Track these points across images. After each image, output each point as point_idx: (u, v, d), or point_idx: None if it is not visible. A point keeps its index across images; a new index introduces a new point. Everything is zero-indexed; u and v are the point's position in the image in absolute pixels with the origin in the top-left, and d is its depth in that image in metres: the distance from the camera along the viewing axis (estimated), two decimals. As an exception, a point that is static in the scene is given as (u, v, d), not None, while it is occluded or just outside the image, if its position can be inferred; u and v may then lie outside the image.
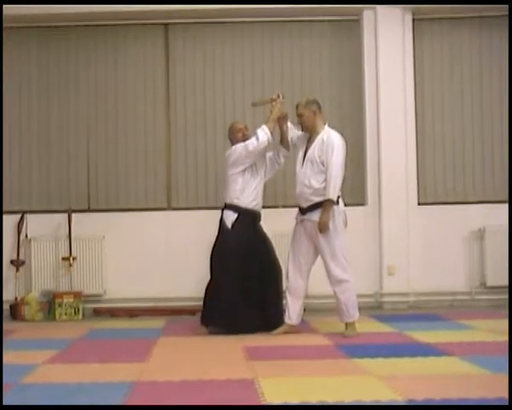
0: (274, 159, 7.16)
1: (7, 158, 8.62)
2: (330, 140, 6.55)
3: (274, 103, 6.97)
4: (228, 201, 7.00)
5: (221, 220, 7.02)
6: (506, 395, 4.29)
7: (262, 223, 7.14)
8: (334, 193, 6.46)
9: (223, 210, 7.04)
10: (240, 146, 6.95)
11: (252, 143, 6.87)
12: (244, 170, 6.95)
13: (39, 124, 8.75)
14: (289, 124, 6.99)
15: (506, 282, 8.33)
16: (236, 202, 6.94)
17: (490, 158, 8.84)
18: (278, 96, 6.97)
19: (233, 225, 6.92)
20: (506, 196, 8.55)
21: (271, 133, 6.89)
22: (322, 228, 6.47)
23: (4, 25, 8.39)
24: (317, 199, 6.54)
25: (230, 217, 6.94)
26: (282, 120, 6.95)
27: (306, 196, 6.60)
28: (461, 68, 8.90)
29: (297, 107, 6.77)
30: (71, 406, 4.23)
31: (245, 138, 7.03)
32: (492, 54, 8.87)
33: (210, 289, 7.02)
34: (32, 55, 8.76)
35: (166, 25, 8.82)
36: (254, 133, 6.90)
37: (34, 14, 8.42)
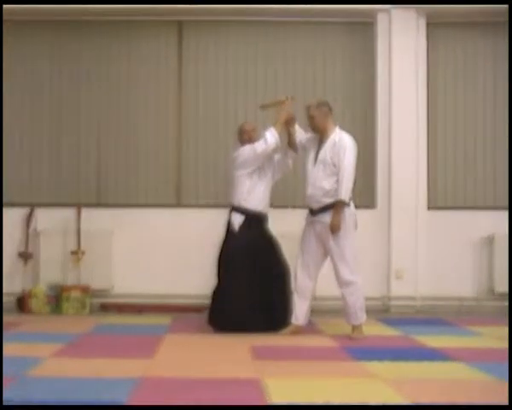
0: (282, 161, 7.14)
1: (18, 151, 8.64)
2: (342, 142, 6.55)
3: (283, 106, 6.96)
4: (235, 203, 6.98)
5: (228, 223, 7.01)
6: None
7: (271, 223, 7.13)
8: (346, 194, 6.46)
9: (230, 212, 7.03)
10: (248, 148, 6.94)
11: (260, 145, 6.85)
12: (252, 172, 6.94)
13: (50, 118, 8.76)
14: (297, 126, 6.98)
15: (514, 289, 8.38)
16: (243, 204, 6.93)
17: (501, 164, 8.80)
18: (287, 99, 6.97)
19: (240, 228, 6.92)
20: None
21: (279, 135, 6.89)
22: (334, 229, 6.47)
23: (16, 18, 8.44)
24: (328, 200, 6.54)
25: (237, 219, 6.93)
26: (289, 122, 6.94)
27: (318, 197, 6.60)
28: (474, 74, 8.87)
29: (308, 108, 6.77)
30: (70, 406, 4.23)
31: (251, 141, 7.02)
32: (505, 60, 8.81)
33: (217, 292, 7.00)
34: (44, 49, 8.76)
35: (180, 22, 8.82)
36: (262, 135, 6.90)
37: (47, 7, 8.40)
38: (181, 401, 4.25)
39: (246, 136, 7.08)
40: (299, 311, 6.76)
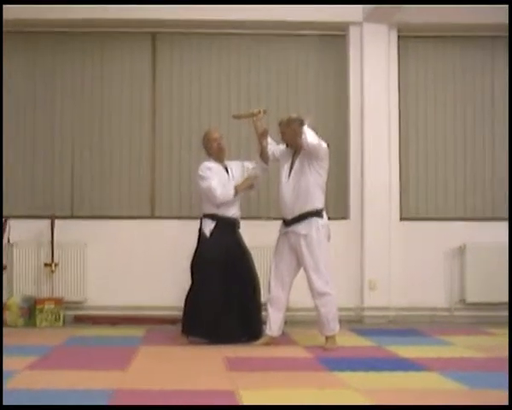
0: (252, 172, 7.17)
1: (-10, 163, 8.61)
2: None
3: (255, 118, 7.01)
4: (205, 211, 7.04)
5: (200, 230, 7.04)
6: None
7: (244, 235, 7.18)
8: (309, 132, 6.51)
9: (201, 220, 7.06)
10: (205, 183, 6.91)
11: (216, 192, 6.86)
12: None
13: (24, 130, 8.72)
14: (269, 139, 7.03)
15: (485, 299, 8.55)
16: (214, 211, 6.97)
17: (472, 176, 8.93)
18: (259, 112, 7.01)
19: (211, 234, 6.95)
20: (487, 214, 8.80)
21: (238, 191, 6.99)
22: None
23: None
24: (303, 211, 6.59)
25: (209, 226, 6.96)
26: (262, 136, 6.98)
27: (292, 208, 6.65)
28: (444, 86, 8.99)
29: (279, 124, 6.83)
30: (73, 406, 4.23)
31: (220, 148, 7.09)
32: (476, 73, 8.98)
33: (190, 298, 7.03)
34: (17, 61, 8.72)
35: (154, 34, 8.85)
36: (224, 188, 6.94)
37: (20, 19, 8.39)
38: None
39: (215, 143, 7.12)
40: (273, 322, 6.79)
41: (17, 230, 8.43)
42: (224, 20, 8.53)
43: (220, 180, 6.97)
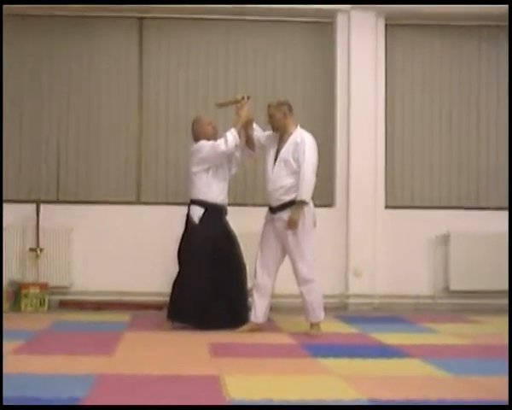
0: (239, 158, 7.18)
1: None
2: (305, 142, 6.61)
3: (239, 105, 7.00)
4: (194, 197, 7.02)
5: (188, 216, 7.04)
6: (466, 396, 4.39)
7: (231, 221, 7.18)
8: (307, 195, 6.53)
9: (189, 206, 7.06)
10: (208, 145, 6.95)
11: (221, 145, 6.87)
12: (208, 168, 6.98)
13: (10, 114, 8.66)
14: (255, 125, 7.04)
15: (468, 287, 8.63)
16: (203, 197, 6.96)
17: (456, 165, 8.97)
18: (243, 98, 7.01)
19: (200, 220, 6.94)
20: (471, 203, 8.88)
21: (239, 135, 6.94)
22: (292, 226, 6.53)
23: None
24: (288, 198, 6.60)
25: (197, 212, 6.95)
26: (248, 124, 6.99)
27: (278, 195, 6.66)
28: (431, 74, 9.02)
29: (268, 107, 6.84)
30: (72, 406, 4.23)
31: (215, 132, 7.08)
32: (462, 62, 9.01)
33: (177, 284, 7.04)
34: (4, 45, 8.66)
35: (140, 19, 8.81)
36: (223, 135, 6.91)
37: (7, 4, 8.34)
38: (139, 398, 4.27)
39: (209, 127, 7.11)
40: (259, 309, 6.81)
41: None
42: (210, 6, 8.49)
43: None
